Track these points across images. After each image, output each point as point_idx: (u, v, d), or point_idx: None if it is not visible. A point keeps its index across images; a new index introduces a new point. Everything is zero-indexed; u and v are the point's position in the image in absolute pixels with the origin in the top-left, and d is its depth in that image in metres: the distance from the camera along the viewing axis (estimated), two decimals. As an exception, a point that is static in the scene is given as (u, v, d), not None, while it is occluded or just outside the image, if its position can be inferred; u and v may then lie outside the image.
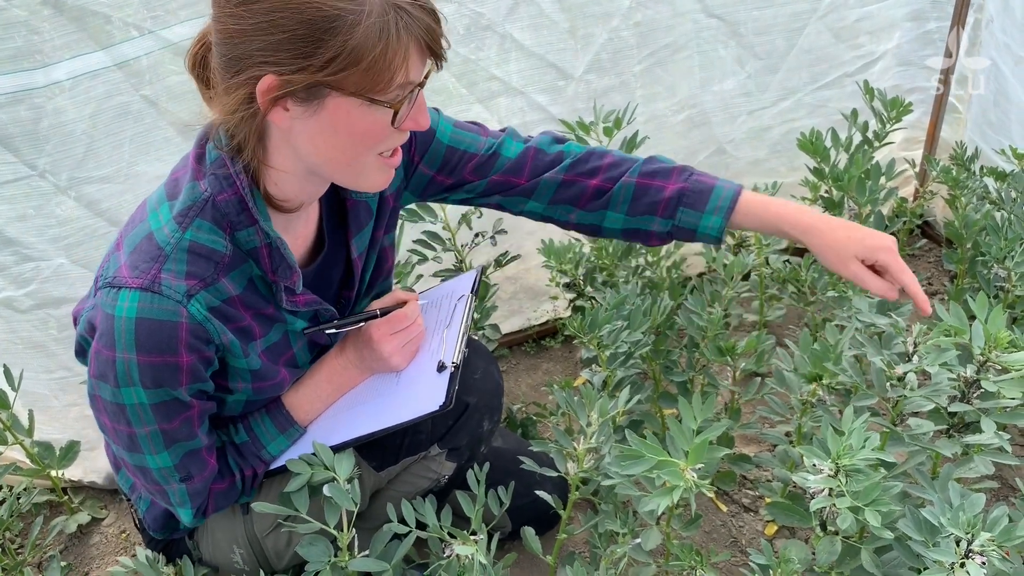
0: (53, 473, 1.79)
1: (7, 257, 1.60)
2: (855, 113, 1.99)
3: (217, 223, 1.10)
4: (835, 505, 1.03)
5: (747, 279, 2.02)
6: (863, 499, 1.02)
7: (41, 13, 1.41)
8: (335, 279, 1.31)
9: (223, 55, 1.01)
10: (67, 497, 1.87)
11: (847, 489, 1.03)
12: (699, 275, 2.31)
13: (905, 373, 1.15)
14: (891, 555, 1.16)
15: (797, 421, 1.46)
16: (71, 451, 1.79)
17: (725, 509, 1.79)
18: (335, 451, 1.24)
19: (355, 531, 1.23)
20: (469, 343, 1.37)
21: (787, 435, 1.54)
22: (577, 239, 1.96)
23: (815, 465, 1.06)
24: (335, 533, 1.21)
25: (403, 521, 1.27)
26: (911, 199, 2.49)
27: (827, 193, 2.05)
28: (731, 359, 1.63)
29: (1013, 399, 1.14)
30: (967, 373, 1.17)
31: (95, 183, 1.59)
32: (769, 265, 1.98)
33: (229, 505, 1.32)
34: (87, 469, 1.90)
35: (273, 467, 1.32)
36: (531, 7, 1.83)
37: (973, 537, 1.02)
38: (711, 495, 1.77)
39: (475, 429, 1.43)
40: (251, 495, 1.33)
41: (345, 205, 1.26)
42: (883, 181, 1.90)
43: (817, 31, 2.14)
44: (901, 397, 1.17)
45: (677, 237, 1.33)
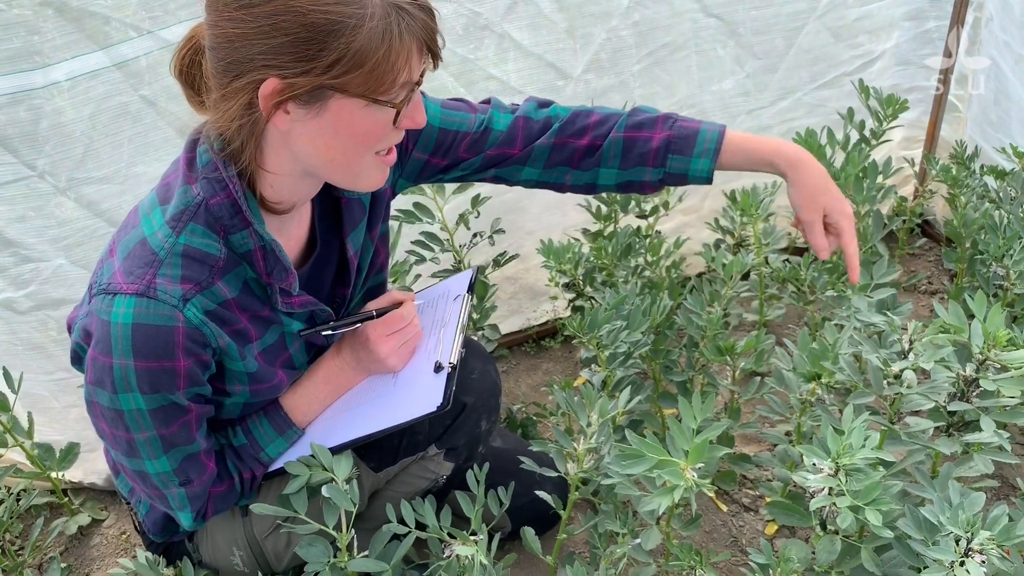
0: (53, 475, 1.79)
1: (6, 258, 1.60)
2: (851, 112, 1.99)
3: (210, 227, 1.09)
4: (835, 504, 1.03)
5: (746, 278, 2.01)
6: (863, 498, 1.02)
7: (41, 14, 1.40)
8: (328, 278, 1.31)
9: (221, 59, 1.00)
10: (67, 499, 1.87)
11: (847, 488, 1.03)
12: (698, 275, 2.31)
13: (901, 371, 1.15)
14: (891, 554, 1.16)
15: (797, 420, 1.46)
16: (71, 453, 1.79)
17: (725, 509, 1.78)
18: (333, 453, 1.24)
19: (354, 532, 1.23)
20: (466, 343, 1.37)
21: (787, 434, 1.54)
22: (576, 239, 1.96)
23: (815, 464, 1.06)
24: (334, 534, 1.21)
25: (403, 522, 1.27)
26: (911, 198, 2.49)
27: (826, 192, 2.05)
28: (731, 359, 1.63)
29: (1012, 397, 1.14)
30: (966, 371, 1.17)
31: (94, 184, 1.59)
32: (769, 264, 1.97)
33: (228, 508, 1.32)
34: (87, 471, 1.90)
35: (272, 469, 1.32)
36: (529, 6, 1.83)
37: (973, 536, 1.02)
38: (711, 495, 1.77)
39: (473, 429, 1.43)
40: (250, 497, 1.33)
41: (339, 204, 1.26)
42: (880, 179, 1.90)
43: (816, 30, 2.14)
44: (898, 395, 1.17)
45: (669, 183, 1.36)
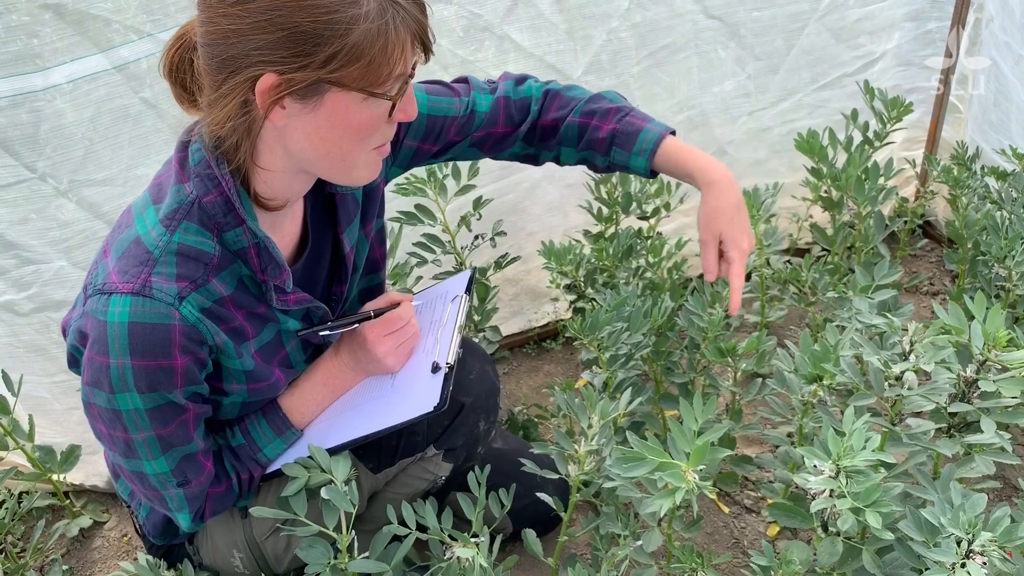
0: (54, 477, 1.79)
1: (8, 260, 1.60)
2: (855, 113, 1.99)
3: (204, 225, 1.10)
4: (836, 506, 1.03)
5: (748, 280, 2.01)
6: (864, 500, 1.02)
7: (41, 17, 1.41)
8: (323, 275, 1.31)
9: (215, 56, 1.00)
10: (69, 501, 1.87)
11: (847, 490, 1.03)
12: (700, 276, 2.30)
13: (902, 372, 1.14)
14: (892, 556, 1.16)
15: (798, 422, 1.45)
16: (72, 455, 1.79)
17: (727, 510, 1.78)
18: (331, 454, 1.24)
19: (354, 533, 1.23)
20: (464, 344, 1.37)
21: (788, 436, 1.53)
22: (578, 240, 1.96)
23: (816, 466, 1.06)
24: (334, 535, 1.20)
25: (403, 523, 1.26)
26: (912, 199, 2.49)
27: (826, 193, 2.05)
28: (732, 360, 1.63)
29: (1013, 398, 1.14)
30: (967, 372, 1.17)
31: (95, 186, 1.59)
32: (770, 266, 1.97)
33: (226, 509, 1.32)
34: (88, 473, 1.90)
35: (271, 469, 1.32)
36: (529, 8, 1.83)
37: (974, 537, 1.02)
38: (713, 496, 1.77)
39: (471, 430, 1.43)
40: (248, 498, 1.33)
41: (332, 199, 1.26)
42: (882, 180, 1.89)
43: (817, 31, 2.14)
44: (899, 397, 1.17)
45: (615, 171, 1.46)
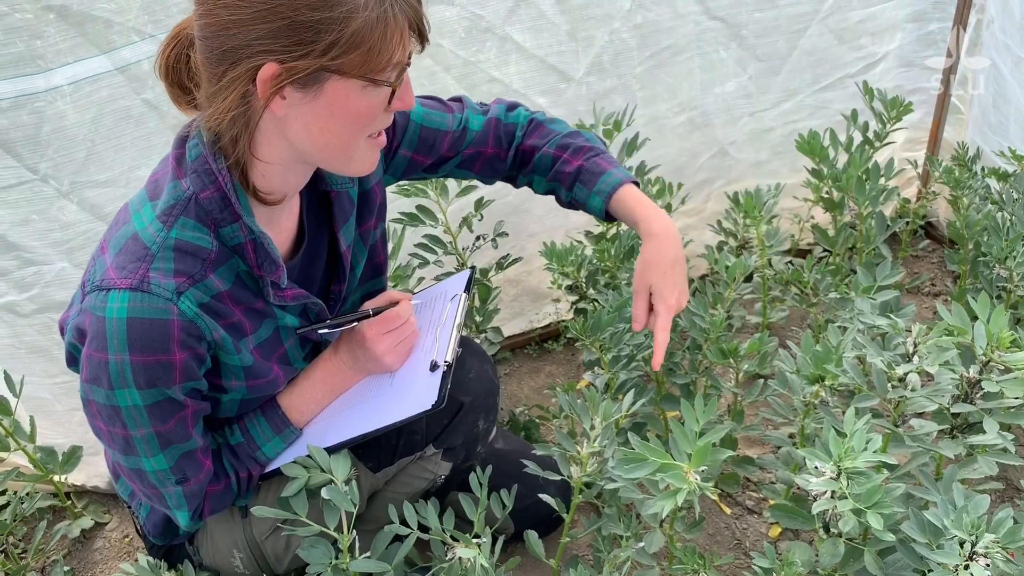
0: (56, 478, 1.79)
1: (9, 262, 1.61)
2: (855, 114, 1.98)
3: (201, 220, 1.10)
4: (837, 507, 1.03)
5: (750, 281, 2.01)
6: (865, 501, 1.02)
7: (43, 18, 1.41)
8: (319, 272, 1.31)
9: (214, 48, 1.00)
10: (70, 502, 1.87)
11: (849, 491, 1.03)
12: (702, 277, 2.30)
13: (906, 374, 1.14)
14: (895, 557, 1.16)
15: (800, 423, 1.45)
16: (73, 456, 1.79)
17: (729, 511, 1.78)
18: (329, 452, 1.24)
19: (355, 533, 1.23)
20: (463, 342, 1.37)
21: (790, 437, 1.53)
22: (579, 241, 1.95)
23: (817, 467, 1.06)
24: (335, 535, 1.20)
25: (404, 523, 1.26)
26: (914, 200, 2.48)
27: (828, 194, 2.04)
28: (734, 361, 1.63)
29: (1016, 399, 1.13)
30: (970, 373, 1.17)
31: (97, 187, 1.59)
32: (772, 267, 1.97)
33: (225, 507, 1.32)
34: (90, 474, 1.90)
35: (268, 470, 1.32)
36: (531, 9, 1.83)
37: (977, 539, 1.02)
38: (715, 497, 1.77)
39: (471, 428, 1.43)
40: (247, 497, 1.33)
41: (327, 197, 1.26)
42: (883, 181, 1.89)
43: (819, 32, 2.14)
44: (902, 398, 1.16)
45: (575, 208, 1.48)
